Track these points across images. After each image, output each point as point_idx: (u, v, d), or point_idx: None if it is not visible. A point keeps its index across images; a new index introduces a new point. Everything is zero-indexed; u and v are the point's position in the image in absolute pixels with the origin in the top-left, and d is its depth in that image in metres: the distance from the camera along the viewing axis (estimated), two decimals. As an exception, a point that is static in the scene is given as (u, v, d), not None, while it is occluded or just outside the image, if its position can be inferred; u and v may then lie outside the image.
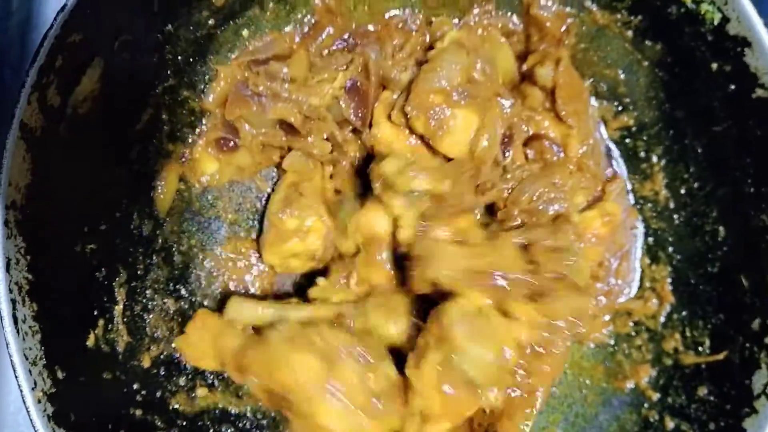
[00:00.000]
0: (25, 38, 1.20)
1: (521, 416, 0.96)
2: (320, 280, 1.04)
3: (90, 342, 0.93)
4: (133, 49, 0.94)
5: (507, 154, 1.08)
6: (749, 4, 0.94)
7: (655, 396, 1.08)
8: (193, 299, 1.09)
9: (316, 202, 1.05)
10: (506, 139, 1.07)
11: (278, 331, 0.92)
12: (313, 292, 1.04)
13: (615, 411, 1.11)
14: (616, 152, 1.16)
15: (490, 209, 1.09)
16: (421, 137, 1.04)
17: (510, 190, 1.06)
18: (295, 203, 1.04)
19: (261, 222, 1.13)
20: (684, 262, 1.10)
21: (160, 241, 1.07)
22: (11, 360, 0.82)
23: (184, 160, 1.09)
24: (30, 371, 0.83)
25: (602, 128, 1.17)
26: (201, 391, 1.06)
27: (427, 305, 0.96)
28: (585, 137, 1.10)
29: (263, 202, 1.14)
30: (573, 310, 0.91)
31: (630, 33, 1.07)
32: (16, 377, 0.82)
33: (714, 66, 0.99)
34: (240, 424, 1.09)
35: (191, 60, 1.05)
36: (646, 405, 1.08)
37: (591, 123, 1.13)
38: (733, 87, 0.98)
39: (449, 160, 1.04)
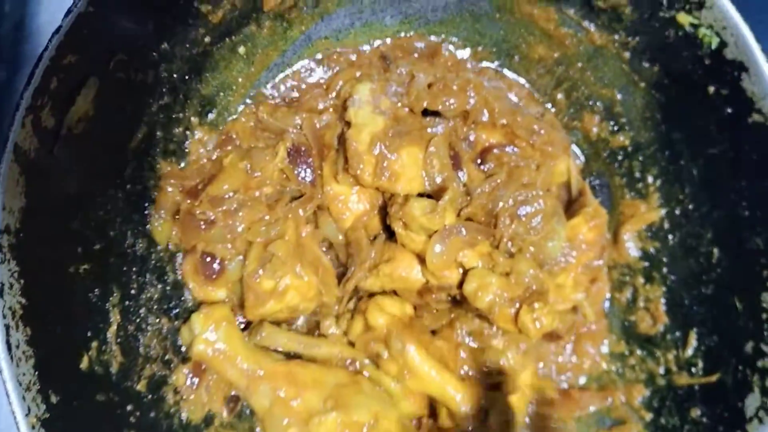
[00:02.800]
0: (18, 42, 1.18)
1: None
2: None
3: (83, 364, 0.92)
4: (128, 68, 0.93)
5: (461, 174, 1.08)
6: (747, 30, 0.94)
7: (648, 416, 1.08)
8: (187, 317, 1.08)
9: (291, 258, 1.03)
10: (453, 160, 1.08)
11: None
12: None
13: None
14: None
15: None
16: (376, 188, 1.06)
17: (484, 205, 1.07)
18: (268, 264, 1.02)
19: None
20: (678, 283, 1.10)
21: (153, 259, 1.06)
22: (5, 387, 0.81)
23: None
24: (24, 397, 0.81)
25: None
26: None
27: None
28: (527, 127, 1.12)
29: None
30: None
31: (627, 54, 1.08)
32: (9, 403, 0.81)
33: (711, 89, 0.99)
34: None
35: (186, 78, 1.04)
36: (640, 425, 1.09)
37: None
38: (729, 111, 0.98)
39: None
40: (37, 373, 0.83)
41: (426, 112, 1.10)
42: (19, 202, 0.82)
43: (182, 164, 1.09)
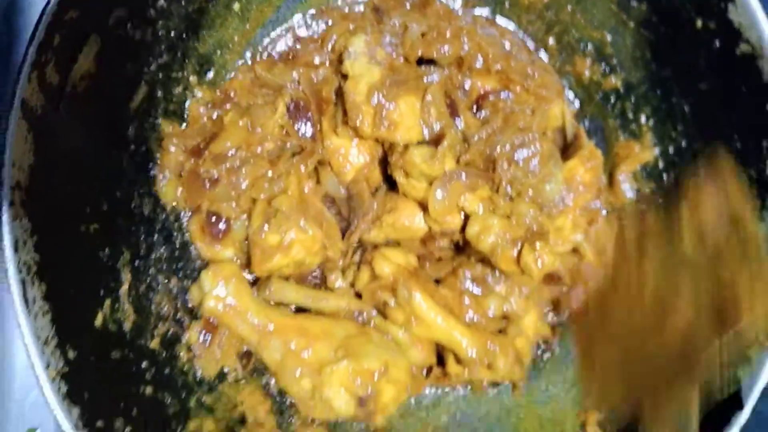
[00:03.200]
0: (10, 21, 1.18)
1: None
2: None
3: (98, 322, 0.93)
4: (126, 26, 0.94)
5: (458, 121, 1.10)
6: (731, -40, 0.96)
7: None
8: (196, 277, 1.09)
9: (295, 213, 1.04)
10: (450, 108, 1.09)
11: None
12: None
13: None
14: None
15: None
16: (375, 139, 1.07)
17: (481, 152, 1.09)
18: (273, 219, 1.04)
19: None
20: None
21: (160, 220, 1.07)
22: (24, 341, 0.82)
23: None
24: (43, 351, 0.83)
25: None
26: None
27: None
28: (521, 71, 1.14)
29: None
30: None
31: (615, -7, 1.10)
32: (29, 357, 0.82)
33: (698, 23, 1.02)
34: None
35: (184, 36, 1.05)
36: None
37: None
38: (717, 44, 1.01)
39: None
40: (54, 327, 0.85)
41: (421, 62, 1.11)
42: (28, 159, 0.83)
43: (183, 124, 1.09)
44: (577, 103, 1.22)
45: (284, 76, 1.09)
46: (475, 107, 1.14)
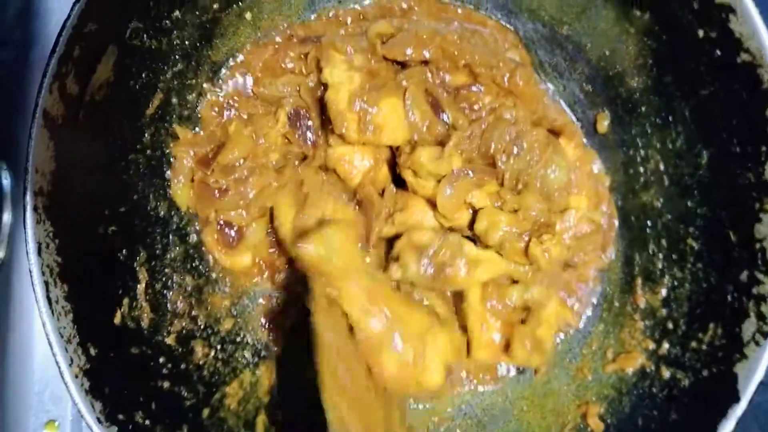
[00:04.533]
0: (27, 25, 1.21)
1: None
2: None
3: (117, 319, 0.98)
4: (143, 36, 0.97)
5: (444, 116, 1.12)
6: (733, -28, 0.98)
7: (651, 345, 1.14)
8: (210, 275, 1.13)
9: (323, 192, 1.09)
10: (433, 107, 1.11)
11: None
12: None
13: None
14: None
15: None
16: (363, 143, 1.10)
17: (477, 150, 1.11)
18: (306, 204, 1.08)
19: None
20: (674, 221, 1.15)
21: (175, 221, 1.11)
22: (48, 338, 0.86)
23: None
24: (66, 349, 0.87)
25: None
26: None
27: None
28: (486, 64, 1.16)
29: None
30: None
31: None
32: (54, 355, 0.87)
33: (700, 33, 1.03)
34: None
35: (198, 45, 1.08)
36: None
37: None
38: (718, 52, 1.02)
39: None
40: (75, 326, 0.89)
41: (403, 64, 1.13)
42: (50, 166, 0.87)
43: (197, 128, 1.13)
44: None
45: (276, 88, 1.12)
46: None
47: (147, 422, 0.96)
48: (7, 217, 1.12)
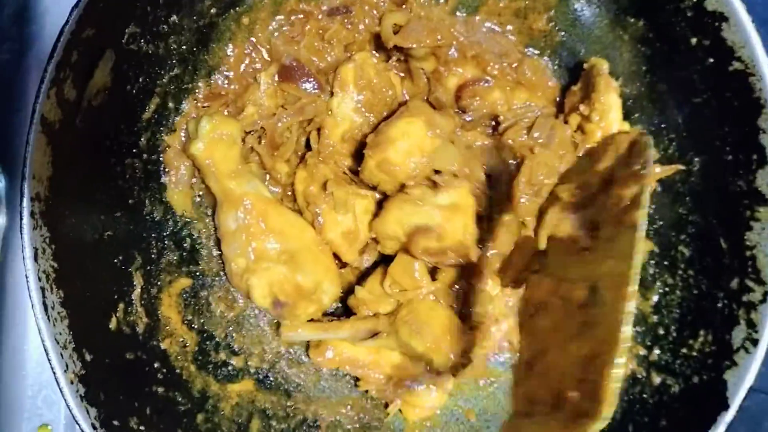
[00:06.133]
0: (23, 27, 1.21)
1: None
2: (358, 290, 1.11)
3: (112, 325, 0.98)
4: (140, 41, 0.97)
5: (468, 117, 1.16)
6: (726, -19, 0.99)
7: (642, 351, 1.15)
8: (205, 279, 1.13)
9: (346, 188, 1.10)
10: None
11: None
12: (350, 300, 1.12)
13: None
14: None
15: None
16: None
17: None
18: (338, 203, 1.10)
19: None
20: (665, 228, 1.16)
21: (170, 226, 1.11)
22: (43, 344, 0.86)
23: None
24: (62, 355, 0.87)
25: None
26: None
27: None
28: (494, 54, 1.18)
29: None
30: None
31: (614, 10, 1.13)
32: (49, 360, 0.87)
33: (693, 41, 1.05)
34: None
35: (194, 49, 1.08)
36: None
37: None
38: (711, 60, 1.04)
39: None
40: (71, 332, 0.89)
41: (401, 50, 1.14)
42: (47, 171, 0.87)
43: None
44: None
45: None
46: (457, 100, 1.18)
47: (141, 428, 0.96)
48: (1, 219, 1.12)
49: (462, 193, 1.03)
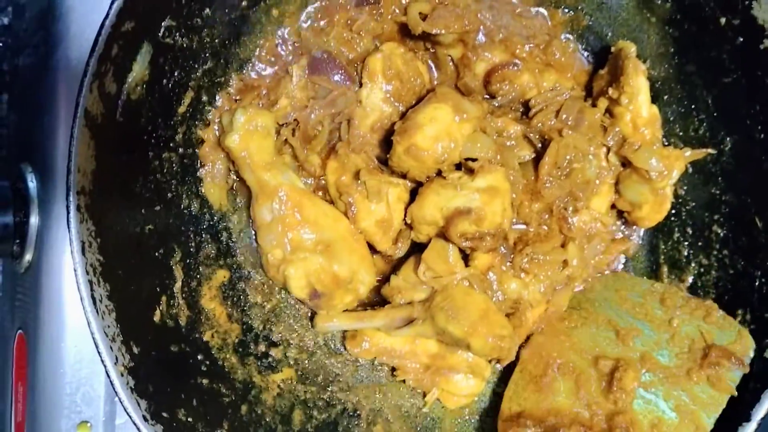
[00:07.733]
0: (48, 29, 1.21)
1: None
2: (393, 278, 1.11)
3: (156, 318, 0.98)
4: (175, 34, 0.98)
5: (496, 102, 1.16)
6: (756, -41, 1.00)
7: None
8: (242, 272, 1.14)
9: (379, 176, 1.10)
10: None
11: None
12: (385, 290, 1.12)
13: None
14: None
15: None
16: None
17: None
18: (372, 194, 1.10)
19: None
20: (698, 208, 1.16)
21: (207, 218, 1.11)
22: (93, 337, 0.87)
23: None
24: (111, 347, 0.88)
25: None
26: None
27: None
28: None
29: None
30: None
31: (640, -8, 1.14)
32: (99, 353, 0.87)
33: (722, 20, 1.05)
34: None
35: (226, 42, 1.08)
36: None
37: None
38: (741, 39, 1.04)
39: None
40: (119, 325, 0.89)
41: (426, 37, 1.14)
42: (91, 165, 0.87)
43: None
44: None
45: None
46: (486, 86, 1.19)
47: (189, 419, 0.96)
48: (34, 219, 1.12)
49: (499, 177, 1.04)
